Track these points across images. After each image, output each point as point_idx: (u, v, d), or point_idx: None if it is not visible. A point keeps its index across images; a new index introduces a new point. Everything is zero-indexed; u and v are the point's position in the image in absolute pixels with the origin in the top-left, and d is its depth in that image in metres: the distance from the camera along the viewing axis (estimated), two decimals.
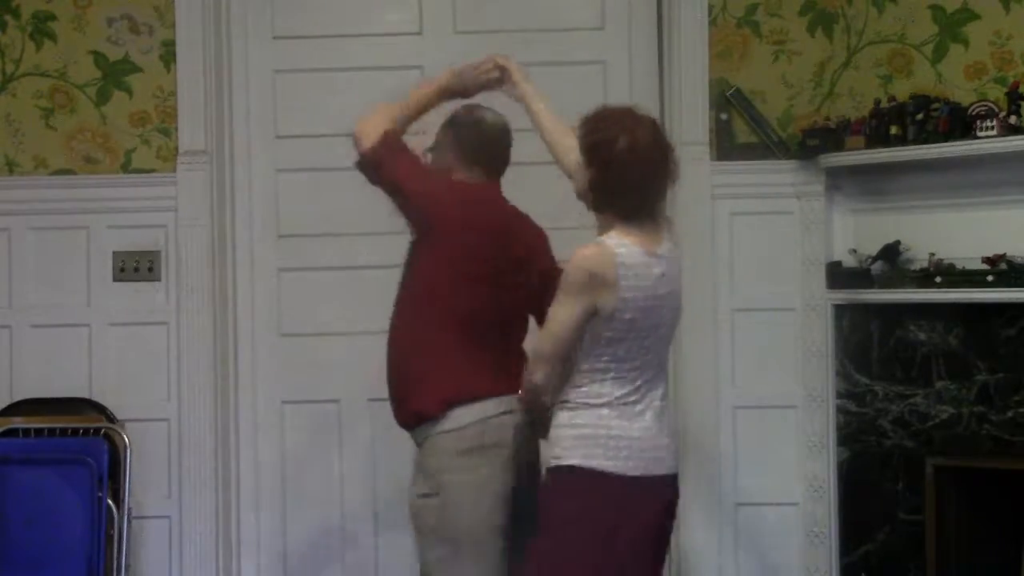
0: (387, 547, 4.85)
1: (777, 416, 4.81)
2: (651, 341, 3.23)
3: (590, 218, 3.69)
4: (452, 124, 3.73)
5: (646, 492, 3.21)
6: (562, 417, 3.23)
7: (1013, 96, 4.19)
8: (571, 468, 3.18)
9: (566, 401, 3.24)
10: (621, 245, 3.19)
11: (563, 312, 3.19)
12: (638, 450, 3.20)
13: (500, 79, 3.74)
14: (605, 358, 3.20)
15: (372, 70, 4.94)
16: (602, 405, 3.19)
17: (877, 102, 4.56)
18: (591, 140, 3.22)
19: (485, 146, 3.71)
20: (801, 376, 4.79)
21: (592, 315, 3.16)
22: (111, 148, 4.86)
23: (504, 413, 3.44)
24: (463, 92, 3.79)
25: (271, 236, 4.96)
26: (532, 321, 3.64)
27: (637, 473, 3.18)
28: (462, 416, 3.44)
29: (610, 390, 3.20)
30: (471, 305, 3.48)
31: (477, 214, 3.56)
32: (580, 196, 3.34)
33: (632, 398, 3.22)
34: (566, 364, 3.26)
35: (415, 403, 3.50)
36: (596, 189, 3.22)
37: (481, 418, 3.44)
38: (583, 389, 3.22)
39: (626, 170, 3.18)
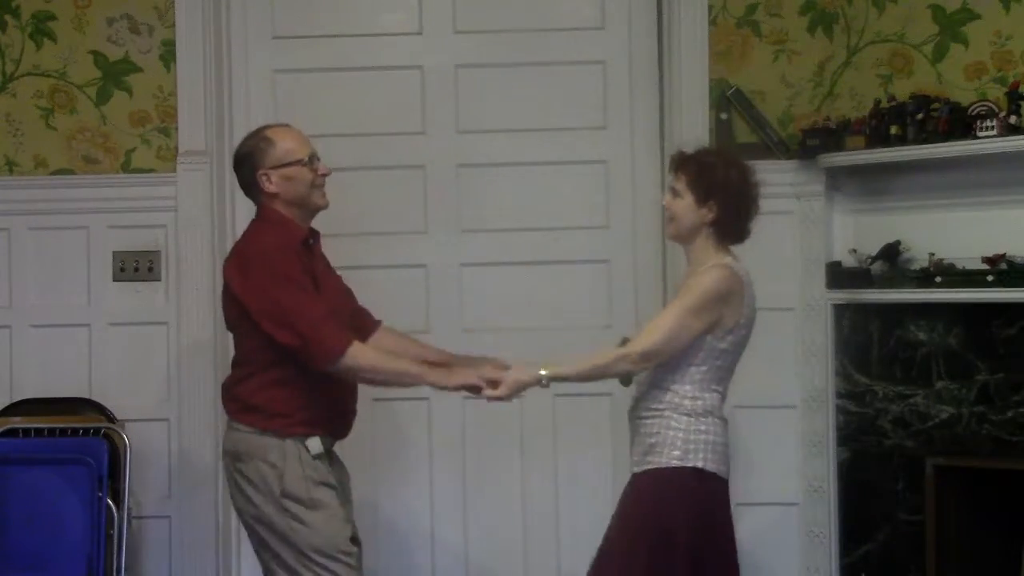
0: (387, 545, 4.86)
1: (777, 416, 4.81)
2: (740, 355, 3.62)
3: (589, 219, 3.72)
4: None
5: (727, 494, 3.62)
6: (680, 421, 3.49)
7: (1013, 96, 4.19)
8: (694, 470, 3.48)
9: (678, 407, 3.50)
10: (742, 268, 3.57)
11: (689, 320, 3.47)
12: (729, 456, 3.60)
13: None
14: (717, 370, 3.53)
15: (372, 70, 4.95)
16: (713, 414, 3.52)
17: (877, 102, 4.56)
18: (716, 177, 3.52)
19: None
20: (801, 376, 4.79)
21: (712, 328, 3.48)
22: (111, 148, 4.87)
23: None
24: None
25: None
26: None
27: (728, 477, 3.58)
28: None
29: (717, 401, 3.55)
30: None
31: None
32: (683, 235, 3.59)
33: (725, 408, 3.60)
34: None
35: None
36: (720, 220, 3.53)
37: None
38: (699, 400, 3.51)
39: (749, 201, 3.57)
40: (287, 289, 3.54)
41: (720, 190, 3.51)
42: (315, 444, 3.64)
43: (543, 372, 3.52)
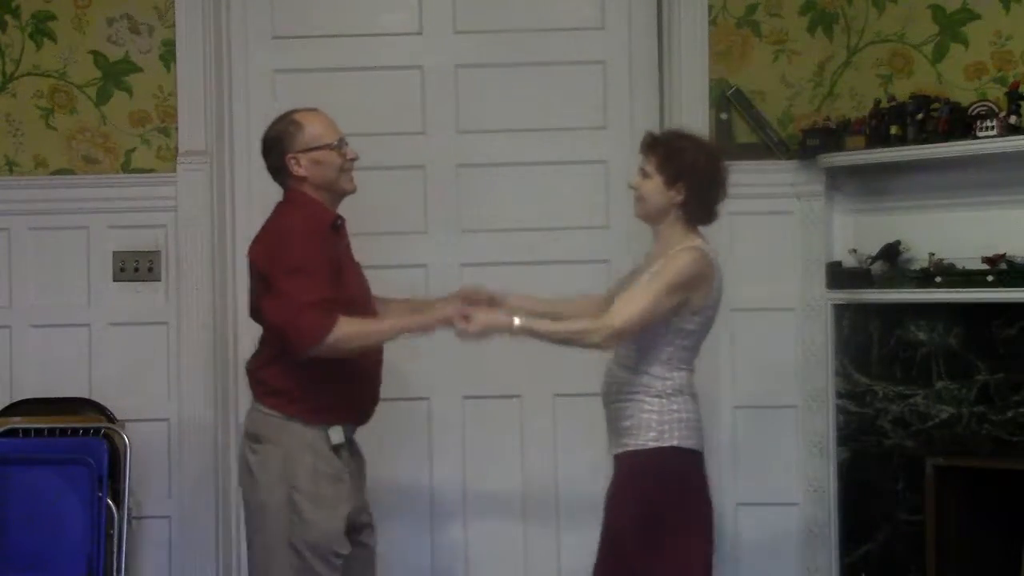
0: (387, 545, 4.85)
1: (777, 416, 4.81)
2: (707, 335, 3.67)
3: (589, 219, 3.72)
4: None
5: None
6: (652, 403, 3.55)
7: (1013, 96, 4.19)
8: (672, 448, 3.55)
9: (649, 388, 3.55)
10: (712, 251, 3.60)
11: (664, 299, 3.49)
12: (703, 428, 3.68)
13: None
14: (683, 350, 3.58)
15: (372, 70, 4.95)
16: (684, 392, 3.59)
17: (877, 102, 4.56)
18: (685, 160, 3.56)
19: None
20: (801, 376, 4.79)
21: (679, 309, 3.52)
22: (111, 148, 4.87)
23: None
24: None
25: None
26: None
27: (703, 449, 3.67)
28: None
29: (686, 379, 3.61)
30: None
31: None
32: (651, 215, 3.62)
33: (695, 385, 3.65)
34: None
35: None
36: (688, 202, 3.57)
37: None
38: (668, 380, 3.56)
39: (717, 184, 3.60)
40: (294, 275, 3.54)
41: (689, 172, 3.55)
42: (337, 433, 3.64)
43: (516, 321, 3.53)
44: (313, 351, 3.52)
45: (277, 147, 3.72)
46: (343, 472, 3.66)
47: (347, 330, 3.53)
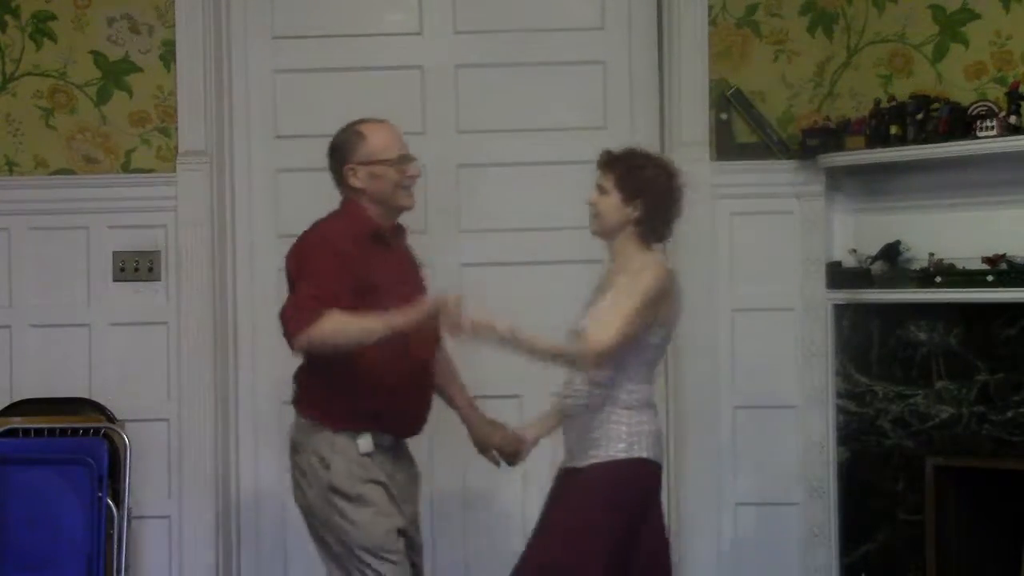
0: None
1: (777, 416, 4.81)
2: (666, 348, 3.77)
3: (588, 219, 3.72)
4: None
5: None
6: (621, 416, 3.60)
7: (1013, 96, 4.19)
8: (642, 460, 3.61)
9: (617, 400, 3.60)
10: (669, 264, 3.72)
11: (639, 317, 3.53)
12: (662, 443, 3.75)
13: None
14: (648, 364, 3.65)
15: (372, 70, 4.95)
16: (648, 405, 3.65)
17: (877, 102, 4.56)
18: (643, 176, 3.62)
19: None
20: (801, 376, 4.79)
21: (650, 323, 3.56)
22: (111, 148, 4.87)
23: None
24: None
25: (271, 236, 4.95)
26: None
27: (662, 461, 3.73)
28: None
29: (649, 391, 3.67)
30: None
31: None
32: (607, 231, 3.68)
33: (655, 397, 3.73)
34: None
35: None
36: (646, 219, 3.62)
37: None
38: (635, 393, 3.61)
39: (675, 200, 3.67)
40: (306, 279, 3.55)
41: (646, 190, 3.61)
42: (365, 442, 3.61)
43: (507, 324, 3.53)
44: (299, 343, 3.51)
45: (337, 156, 3.71)
46: (379, 476, 3.62)
47: (331, 323, 3.47)
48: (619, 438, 3.59)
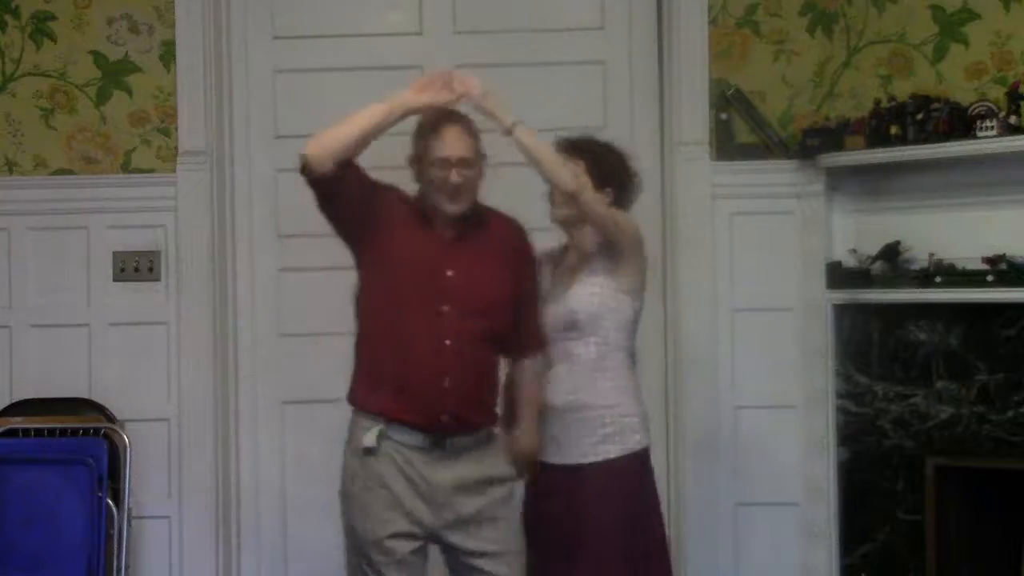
0: None
1: (777, 416, 4.81)
2: None
3: None
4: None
5: None
6: (630, 407, 3.68)
7: (1013, 96, 4.19)
8: (646, 448, 3.70)
9: (624, 389, 3.67)
10: None
11: (627, 220, 3.71)
12: None
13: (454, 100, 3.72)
14: (632, 350, 3.71)
15: (372, 70, 4.94)
16: (639, 389, 3.74)
17: (877, 102, 4.56)
18: (609, 163, 3.72)
19: None
20: (801, 376, 4.78)
21: (641, 287, 3.73)
22: (111, 148, 4.87)
23: None
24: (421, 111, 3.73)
25: (271, 236, 4.96)
26: None
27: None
28: None
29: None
30: None
31: None
32: (572, 219, 3.74)
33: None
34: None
35: (494, 405, 3.68)
36: (615, 205, 3.70)
37: None
38: (632, 382, 3.70)
39: (637, 184, 3.80)
40: None
41: (615, 176, 3.71)
42: (370, 437, 3.53)
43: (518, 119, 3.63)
44: (304, 162, 3.54)
45: (413, 142, 3.74)
46: (381, 478, 3.53)
47: (325, 131, 3.58)
48: (634, 429, 3.66)
